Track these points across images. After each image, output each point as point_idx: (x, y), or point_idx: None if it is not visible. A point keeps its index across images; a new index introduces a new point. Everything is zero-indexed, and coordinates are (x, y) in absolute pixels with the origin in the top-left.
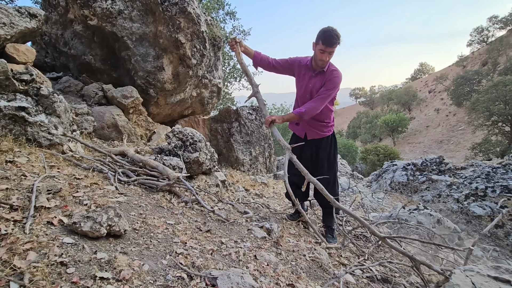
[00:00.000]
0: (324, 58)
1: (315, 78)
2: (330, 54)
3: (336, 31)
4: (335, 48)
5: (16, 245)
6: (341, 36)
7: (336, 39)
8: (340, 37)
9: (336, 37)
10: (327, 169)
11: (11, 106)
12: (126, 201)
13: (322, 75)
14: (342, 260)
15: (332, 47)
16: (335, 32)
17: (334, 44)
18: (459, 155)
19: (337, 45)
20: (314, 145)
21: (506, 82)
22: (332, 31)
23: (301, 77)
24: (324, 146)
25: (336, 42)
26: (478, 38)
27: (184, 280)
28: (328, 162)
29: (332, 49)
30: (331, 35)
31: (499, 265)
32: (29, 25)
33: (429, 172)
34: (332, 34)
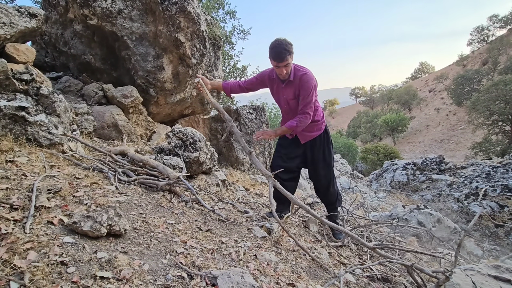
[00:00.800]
0: (281, 72)
1: (285, 88)
2: (286, 66)
3: (283, 44)
4: (287, 61)
5: (16, 245)
6: (290, 46)
7: (285, 52)
8: (289, 47)
9: (284, 50)
10: (324, 167)
11: (11, 105)
12: (126, 200)
13: (291, 84)
14: (342, 260)
15: (284, 61)
16: (282, 46)
17: (284, 58)
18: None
19: (289, 56)
20: (308, 146)
21: (506, 81)
22: (279, 46)
23: (274, 89)
24: (318, 146)
25: (285, 55)
26: (478, 37)
27: (184, 279)
28: (324, 161)
29: (284, 63)
30: (279, 51)
31: (500, 264)
32: (29, 25)
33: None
34: (279, 50)
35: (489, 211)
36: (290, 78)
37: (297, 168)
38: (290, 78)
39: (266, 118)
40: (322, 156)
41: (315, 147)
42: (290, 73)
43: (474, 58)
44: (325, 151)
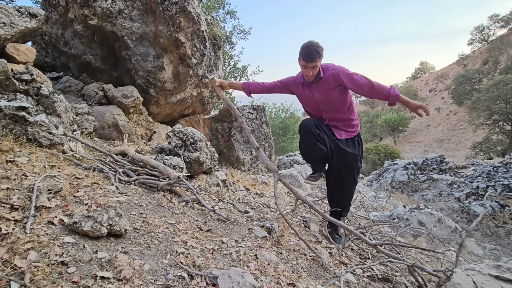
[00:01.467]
0: (307, 73)
1: (317, 87)
2: (313, 68)
3: (314, 46)
4: (316, 62)
5: (16, 245)
6: (321, 49)
7: (315, 54)
8: (320, 50)
9: (315, 52)
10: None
11: (12, 106)
12: (127, 200)
13: (321, 82)
14: (343, 259)
15: (313, 63)
16: (313, 47)
17: (314, 59)
18: (460, 154)
19: (319, 59)
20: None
21: (507, 81)
22: (310, 47)
23: (303, 94)
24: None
25: (316, 56)
26: (479, 36)
27: (184, 279)
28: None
29: (313, 64)
30: (310, 51)
31: (500, 264)
32: (29, 25)
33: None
34: (311, 50)
35: (490, 211)
36: (321, 75)
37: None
38: (321, 75)
39: (266, 118)
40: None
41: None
42: (320, 72)
43: (474, 58)
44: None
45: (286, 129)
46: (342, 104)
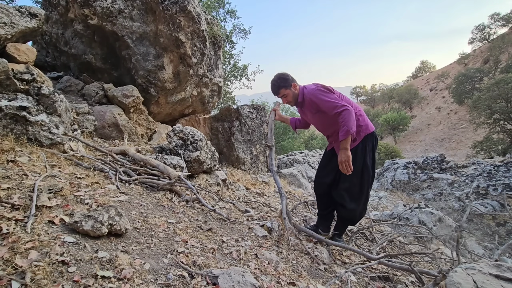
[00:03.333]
0: (284, 102)
1: (304, 109)
2: (284, 97)
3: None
4: (281, 93)
5: (17, 244)
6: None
7: (274, 88)
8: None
9: (274, 87)
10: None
11: (12, 105)
12: (127, 200)
13: (303, 105)
14: (343, 259)
15: (278, 94)
16: (272, 82)
17: (276, 92)
18: (461, 153)
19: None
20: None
21: (508, 80)
22: (271, 83)
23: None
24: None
25: (276, 90)
26: (479, 35)
27: (185, 278)
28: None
29: (280, 95)
30: (271, 87)
31: (501, 263)
32: (29, 25)
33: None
34: (271, 85)
35: (490, 210)
36: (299, 99)
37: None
38: (299, 99)
39: (266, 117)
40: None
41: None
42: (299, 95)
43: (475, 57)
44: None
45: (286, 128)
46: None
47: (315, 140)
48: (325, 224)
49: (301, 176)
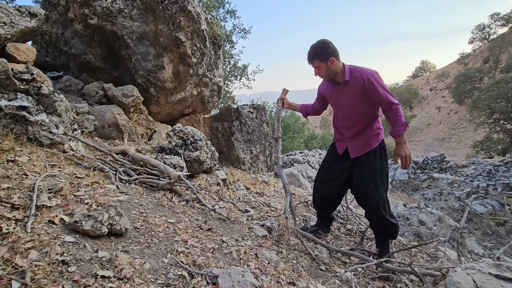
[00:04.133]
0: (315, 74)
1: (341, 90)
2: (317, 69)
3: (313, 46)
4: (315, 64)
5: (17, 244)
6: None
7: (309, 56)
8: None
9: (309, 54)
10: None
11: (12, 105)
12: (127, 200)
13: (347, 85)
14: (343, 259)
15: (311, 64)
16: (311, 48)
17: (309, 61)
18: (461, 153)
19: (315, 60)
20: (357, 162)
21: (508, 80)
22: (310, 47)
23: (330, 94)
24: (371, 161)
25: (310, 59)
26: (479, 35)
27: (185, 278)
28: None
29: (313, 65)
30: (308, 52)
31: (501, 263)
32: (29, 24)
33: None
34: (308, 51)
35: (490, 209)
36: (346, 78)
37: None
38: (346, 78)
39: (266, 117)
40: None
41: (367, 163)
42: (345, 74)
43: (475, 56)
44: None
45: (286, 128)
46: (365, 115)
47: (315, 140)
48: (325, 225)
49: (301, 176)
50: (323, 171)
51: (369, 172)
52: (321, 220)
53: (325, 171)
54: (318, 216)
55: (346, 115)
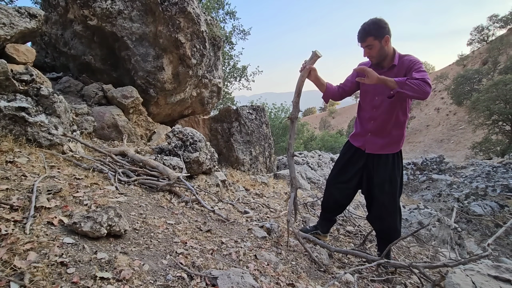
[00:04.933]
0: (365, 54)
1: (387, 74)
2: (368, 48)
3: (366, 23)
4: (367, 42)
5: (16, 245)
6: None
7: (363, 32)
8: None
9: (363, 30)
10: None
11: (11, 106)
12: (126, 201)
13: (392, 70)
14: (343, 260)
15: (363, 42)
16: (364, 25)
17: (362, 38)
18: (460, 154)
19: (370, 38)
20: (373, 161)
21: (506, 81)
22: (362, 25)
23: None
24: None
25: (364, 35)
26: (478, 37)
27: (184, 280)
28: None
29: (364, 44)
30: (360, 30)
31: (500, 264)
32: (29, 25)
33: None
34: (361, 28)
35: (489, 211)
36: (394, 62)
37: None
38: (394, 62)
39: (266, 118)
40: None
41: (381, 166)
42: (395, 58)
43: (474, 58)
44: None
45: (285, 129)
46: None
47: (314, 141)
48: (327, 226)
49: (300, 177)
50: (336, 173)
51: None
52: (324, 221)
53: (339, 173)
54: (323, 217)
55: (378, 104)
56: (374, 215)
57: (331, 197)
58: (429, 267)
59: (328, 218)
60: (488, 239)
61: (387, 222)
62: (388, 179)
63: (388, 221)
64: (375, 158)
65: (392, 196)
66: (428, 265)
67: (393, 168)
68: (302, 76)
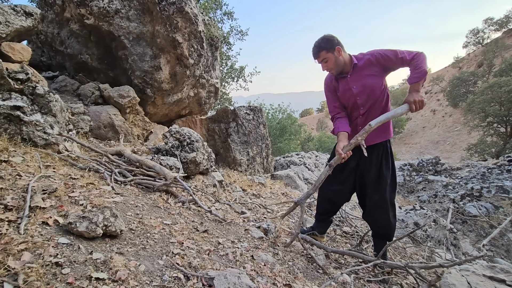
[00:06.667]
0: (323, 68)
1: (352, 78)
2: (324, 62)
3: (317, 41)
4: (321, 56)
5: (10, 246)
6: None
7: (315, 50)
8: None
9: (315, 48)
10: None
11: (6, 105)
12: (123, 201)
13: (356, 70)
14: (340, 260)
15: (318, 58)
16: (316, 43)
17: (315, 55)
18: (455, 156)
19: (322, 52)
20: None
21: (501, 84)
22: (314, 43)
23: (342, 89)
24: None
25: (316, 52)
26: (473, 39)
27: (180, 280)
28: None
29: (319, 59)
30: (312, 48)
31: (494, 264)
32: (24, 24)
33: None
34: (313, 47)
35: (484, 212)
36: (354, 62)
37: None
38: (355, 62)
39: (263, 119)
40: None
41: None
42: (353, 59)
43: (469, 60)
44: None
45: (283, 130)
46: (380, 93)
47: (311, 141)
48: (324, 227)
49: (297, 177)
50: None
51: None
52: (321, 223)
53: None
54: (318, 219)
55: (362, 102)
56: (368, 213)
57: (326, 198)
58: (425, 267)
59: (324, 219)
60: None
61: (380, 219)
62: (378, 177)
63: (382, 219)
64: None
65: (384, 193)
66: (424, 266)
67: (382, 166)
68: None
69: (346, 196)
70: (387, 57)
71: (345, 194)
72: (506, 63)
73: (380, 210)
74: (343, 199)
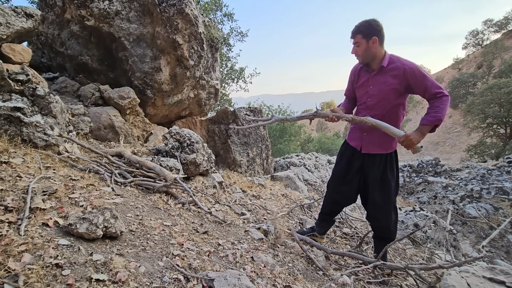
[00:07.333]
0: (352, 51)
1: (375, 78)
2: (356, 45)
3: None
4: (356, 39)
5: (10, 247)
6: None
7: (354, 30)
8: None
9: (355, 27)
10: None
11: (7, 106)
12: (123, 202)
13: (381, 72)
14: (340, 262)
15: (353, 38)
16: (358, 24)
17: (352, 35)
18: (455, 157)
19: (358, 35)
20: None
21: (500, 85)
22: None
23: (361, 82)
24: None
25: (353, 33)
26: (473, 41)
27: (180, 282)
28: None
29: (353, 40)
30: (353, 28)
31: (494, 266)
32: (25, 25)
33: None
34: (354, 26)
35: (484, 213)
36: (383, 64)
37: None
38: (383, 64)
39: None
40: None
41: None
42: (384, 59)
43: (469, 62)
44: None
45: (283, 131)
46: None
47: (311, 143)
48: (325, 227)
49: (297, 178)
50: (337, 175)
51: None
52: (323, 222)
53: (339, 176)
54: (321, 218)
55: (371, 105)
56: (370, 215)
57: (331, 199)
58: (424, 268)
59: (327, 219)
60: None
61: (381, 222)
62: (381, 179)
63: (383, 222)
64: (370, 158)
65: (386, 196)
66: (424, 267)
67: (386, 168)
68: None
69: (353, 197)
70: (416, 78)
71: (351, 194)
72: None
73: (383, 212)
74: (350, 200)
